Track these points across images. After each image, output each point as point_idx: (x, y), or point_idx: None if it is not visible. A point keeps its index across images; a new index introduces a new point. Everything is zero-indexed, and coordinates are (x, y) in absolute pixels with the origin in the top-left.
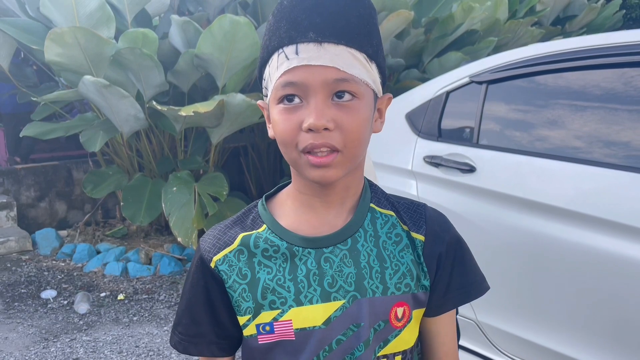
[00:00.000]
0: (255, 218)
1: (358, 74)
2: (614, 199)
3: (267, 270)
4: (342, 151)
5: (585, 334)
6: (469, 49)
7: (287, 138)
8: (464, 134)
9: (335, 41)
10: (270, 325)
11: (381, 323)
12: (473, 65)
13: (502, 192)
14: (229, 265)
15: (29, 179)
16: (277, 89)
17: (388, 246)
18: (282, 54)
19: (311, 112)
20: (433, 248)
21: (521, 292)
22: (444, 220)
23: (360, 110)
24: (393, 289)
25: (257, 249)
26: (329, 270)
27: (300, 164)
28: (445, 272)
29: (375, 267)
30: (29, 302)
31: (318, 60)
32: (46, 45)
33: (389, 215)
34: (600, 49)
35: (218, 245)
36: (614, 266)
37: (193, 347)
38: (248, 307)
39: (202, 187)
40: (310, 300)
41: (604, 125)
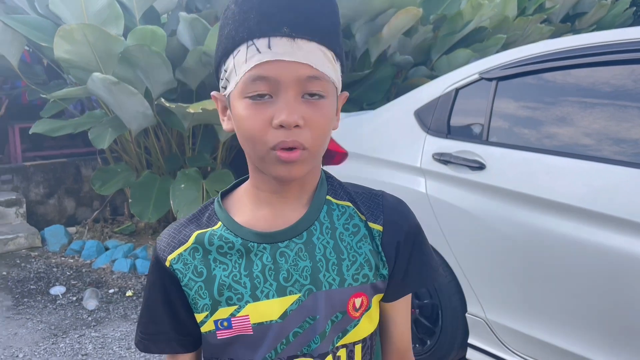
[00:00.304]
0: (210, 215)
1: (328, 72)
2: (625, 196)
3: (223, 267)
4: (309, 148)
5: (596, 332)
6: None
7: (257, 134)
8: (474, 131)
9: (308, 38)
10: (227, 320)
11: (339, 314)
12: (483, 62)
13: (511, 189)
14: (183, 264)
15: (38, 175)
16: (245, 83)
17: (345, 237)
18: (252, 47)
19: (282, 109)
20: (391, 237)
21: (530, 290)
22: (403, 209)
23: (327, 108)
24: (350, 281)
25: (211, 246)
26: (284, 264)
27: (267, 161)
28: (404, 259)
29: (332, 260)
30: (38, 298)
31: (292, 56)
32: (55, 43)
33: (346, 206)
34: (611, 45)
35: (172, 244)
36: (624, 264)
37: (153, 345)
38: (205, 304)
39: (209, 184)
40: (266, 295)
41: (613, 122)
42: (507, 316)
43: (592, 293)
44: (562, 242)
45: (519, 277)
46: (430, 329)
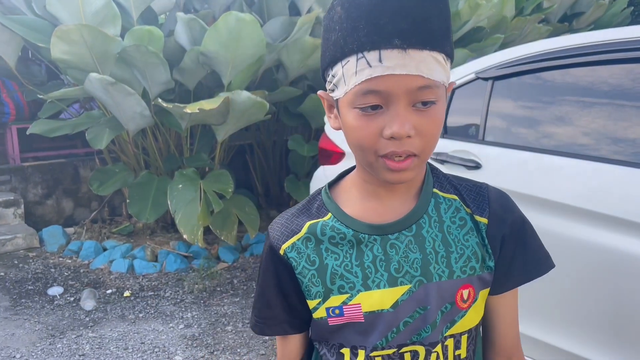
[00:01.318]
0: (320, 206)
1: (439, 77)
2: (621, 195)
3: (335, 256)
4: (419, 156)
5: (591, 331)
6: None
7: (366, 144)
8: (470, 130)
9: (420, 47)
10: (339, 308)
11: (448, 305)
12: (479, 61)
13: (507, 188)
14: (297, 252)
15: (36, 176)
16: (356, 95)
17: (452, 230)
18: (362, 60)
19: (393, 120)
20: (496, 230)
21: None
22: (507, 201)
23: (439, 114)
24: (459, 273)
25: (323, 237)
26: (395, 256)
27: (376, 167)
28: (508, 252)
29: (441, 252)
30: (35, 298)
31: (403, 69)
32: (52, 43)
33: (452, 200)
34: (608, 44)
35: (286, 233)
36: (621, 263)
37: (267, 328)
38: (317, 291)
39: (207, 184)
40: (377, 285)
41: (610, 121)
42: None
43: (587, 292)
44: (557, 241)
45: None
46: None
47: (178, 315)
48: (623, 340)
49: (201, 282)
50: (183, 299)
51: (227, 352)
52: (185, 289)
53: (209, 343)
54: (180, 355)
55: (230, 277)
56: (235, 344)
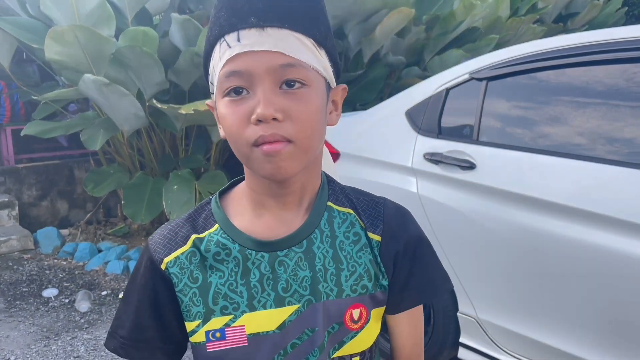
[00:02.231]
0: (207, 216)
1: (306, 59)
2: (614, 195)
3: (219, 274)
4: (294, 142)
5: (586, 331)
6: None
7: (236, 132)
8: (464, 130)
9: (278, 25)
10: (221, 331)
11: (335, 325)
12: (473, 62)
13: (502, 188)
14: (180, 268)
15: (30, 177)
16: (221, 81)
17: (345, 246)
18: (223, 43)
19: (258, 102)
20: (389, 247)
21: (521, 289)
22: (403, 218)
23: (311, 98)
24: (348, 291)
25: (208, 253)
26: (283, 274)
27: (252, 159)
28: (403, 271)
29: (331, 269)
30: (30, 300)
31: (261, 45)
32: (46, 44)
33: (348, 213)
34: (601, 44)
35: (169, 245)
36: (614, 263)
37: (136, 352)
38: (198, 312)
39: (202, 185)
40: (263, 305)
41: (604, 121)
42: (498, 315)
43: (582, 291)
44: (552, 241)
45: (509, 276)
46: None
47: None
48: (616, 339)
49: None
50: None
51: None
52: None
53: None
54: None
55: None
56: None
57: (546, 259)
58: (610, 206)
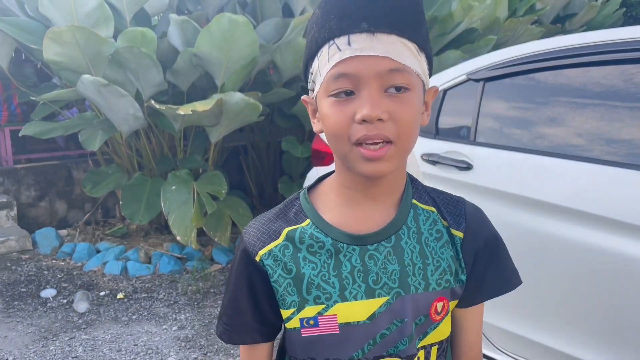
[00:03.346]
0: (298, 211)
1: (410, 64)
2: (610, 196)
3: (312, 265)
4: (395, 143)
5: (581, 330)
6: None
7: (340, 130)
8: (461, 131)
9: (387, 31)
10: (314, 319)
11: (422, 317)
12: (470, 63)
13: (498, 189)
14: (274, 260)
15: (29, 178)
16: (328, 82)
17: (430, 242)
18: (333, 46)
19: (365, 103)
20: (471, 245)
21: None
22: (482, 217)
23: (413, 101)
24: (434, 285)
25: (302, 244)
26: (373, 267)
27: (352, 158)
28: (481, 267)
29: (418, 264)
30: (28, 301)
31: (371, 50)
32: (45, 45)
33: (430, 212)
34: (599, 45)
35: (263, 239)
36: (610, 263)
37: (237, 336)
38: (293, 301)
39: (201, 185)
40: (354, 296)
41: (600, 122)
42: (494, 315)
43: (579, 291)
44: (548, 241)
45: None
46: None
47: (171, 317)
48: (612, 338)
49: (195, 284)
50: (177, 301)
51: (221, 354)
52: (178, 291)
53: (202, 344)
54: (174, 357)
55: (224, 279)
56: (228, 346)
57: (542, 259)
58: (605, 207)
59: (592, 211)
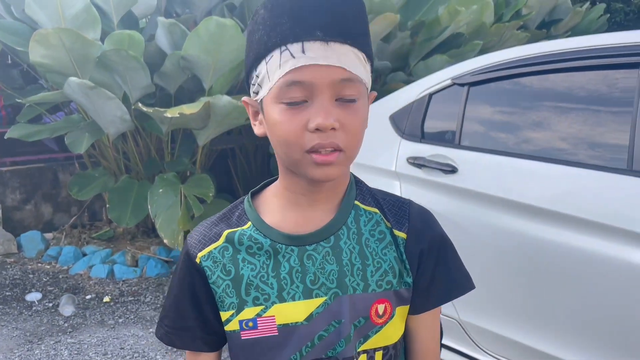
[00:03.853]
0: (240, 215)
1: (360, 73)
2: (594, 199)
3: (251, 267)
4: (344, 150)
5: (566, 331)
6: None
7: (292, 138)
8: (446, 135)
9: (341, 40)
10: (253, 321)
11: (361, 319)
12: (455, 67)
13: (483, 192)
14: (213, 261)
15: (14, 181)
16: (279, 88)
17: (371, 243)
18: (286, 52)
19: (318, 112)
20: (415, 245)
21: (503, 291)
22: (428, 218)
23: (361, 110)
24: (374, 286)
25: (241, 246)
26: (312, 267)
27: (303, 164)
28: (427, 269)
29: (357, 265)
30: (13, 304)
31: (326, 59)
32: (31, 47)
33: (373, 213)
34: (584, 51)
35: (203, 241)
36: (593, 265)
37: (179, 339)
38: (231, 302)
39: (188, 188)
40: (292, 296)
41: (584, 126)
42: (479, 317)
43: (563, 293)
44: (532, 244)
45: (490, 278)
46: None
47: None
48: (597, 340)
49: None
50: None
51: None
52: (165, 294)
53: None
54: None
55: None
56: None
57: (527, 262)
58: (589, 210)
59: (575, 214)
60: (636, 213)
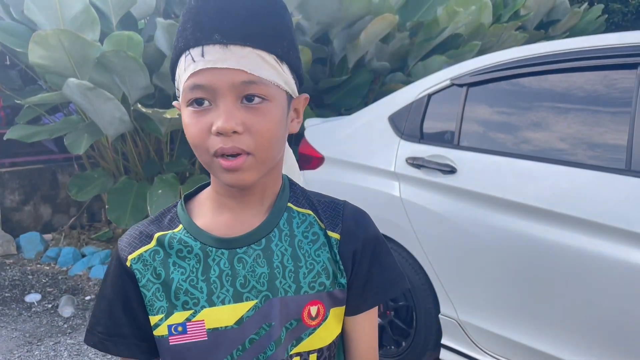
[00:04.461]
0: (172, 218)
1: (267, 76)
2: (592, 199)
3: (181, 270)
4: (253, 154)
5: (565, 332)
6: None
7: (197, 141)
8: (445, 135)
9: (241, 43)
10: (182, 325)
11: (293, 322)
12: (454, 68)
13: (481, 192)
14: (143, 264)
15: (13, 182)
16: (185, 92)
17: (304, 245)
18: (188, 56)
19: (220, 115)
20: (348, 246)
21: (502, 291)
22: (362, 218)
23: (271, 112)
24: (306, 288)
25: (171, 249)
26: (242, 270)
27: (213, 168)
28: (362, 270)
29: (289, 267)
30: (12, 306)
31: (224, 62)
32: (30, 48)
33: (307, 214)
34: (581, 51)
35: (134, 244)
36: (591, 265)
37: (113, 346)
38: (161, 306)
39: (187, 189)
40: (222, 300)
41: (582, 126)
42: (478, 317)
43: (561, 293)
44: (531, 244)
45: (489, 278)
46: (405, 331)
47: None
48: (595, 340)
49: None
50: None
51: None
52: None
53: None
54: None
55: None
56: None
57: (525, 262)
58: (587, 210)
59: (574, 214)
60: (634, 213)
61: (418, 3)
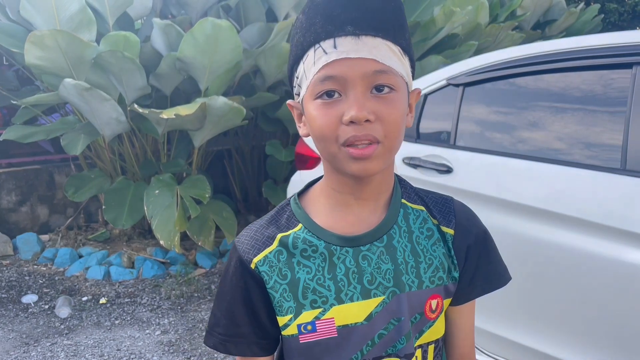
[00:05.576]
0: (289, 217)
1: (395, 66)
2: (587, 198)
3: (307, 270)
4: (382, 142)
5: (562, 330)
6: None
7: (327, 132)
8: (442, 135)
9: (373, 34)
10: (312, 324)
11: (417, 315)
12: (450, 68)
13: (478, 192)
14: (269, 266)
15: (9, 182)
16: (314, 84)
17: (421, 241)
18: (319, 49)
19: (352, 105)
20: (462, 241)
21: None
22: (471, 214)
23: (398, 102)
24: (428, 283)
25: (295, 249)
26: (368, 267)
27: (340, 158)
28: (472, 263)
29: (411, 262)
30: (9, 306)
31: (357, 52)
32: (26, 49)
33: (420, 210)
34: (578, 51)
35: (257, 246)
36: (587, 264)
37: (234, 346)
38: (289, 307)
39: (184, 189)
40: (350, 298)
41: (578, 126)
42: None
43: (556, 292)
44: (527, 244)
45: None
46: None
47: (155, 321)
48: (592, 339)
49: (178, 288)
50: (160, 305)
51: (204, 358)
52: (162, 295)
53: (185, 349)
54: None
55: (208, 283)
56: (212, 350)
57: (522, 261)
58: (583, 209)
59: (570, 214)
60: (630, 212)
61: (415, 3)
